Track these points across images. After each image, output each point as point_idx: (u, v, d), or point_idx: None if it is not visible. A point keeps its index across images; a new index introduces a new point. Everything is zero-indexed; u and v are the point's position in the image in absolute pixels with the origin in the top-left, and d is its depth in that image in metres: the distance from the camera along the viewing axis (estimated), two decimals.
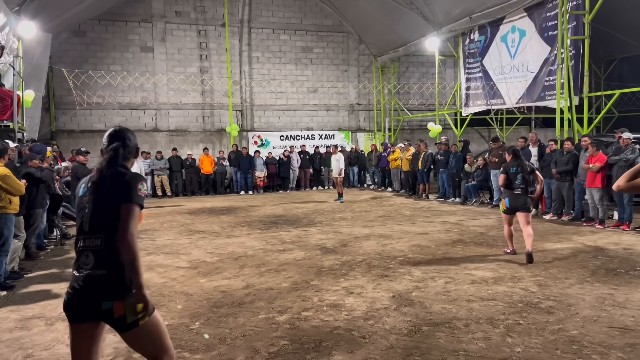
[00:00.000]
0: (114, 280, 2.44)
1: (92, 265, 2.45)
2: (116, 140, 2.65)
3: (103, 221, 2.48)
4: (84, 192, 2.58)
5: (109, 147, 2.62)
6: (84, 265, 2.47)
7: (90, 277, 2.44)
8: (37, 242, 8.21)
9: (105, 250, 2.45)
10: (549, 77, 13.10)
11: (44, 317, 5.00)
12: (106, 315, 2.44)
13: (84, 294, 2.44)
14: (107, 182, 2.51)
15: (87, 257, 2.47)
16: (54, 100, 17.49)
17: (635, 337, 4.18)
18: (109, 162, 2.56)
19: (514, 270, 6.41)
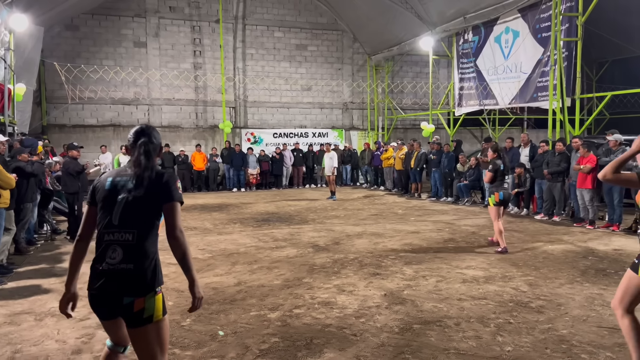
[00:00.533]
0: (140, 276, 2.46)
1: (119, 259, 2.45)
2: (143, 137, 2.64)
3: (137, 217, 2.49)
4: (113, 186, 2.55)
5: (137, 143, 2.62)
6: (111, 260, 2.46)
7: (116, 271, 2.44)
8: (27, 237, 8.14)
9: (136, 246, 2.47)
10: (542, 78, 13.18)
11: (33, 313, 4.96)
12: (125, 309, 2.46)
13: (107, 288, 2.44)
14: (145, 180, 2.51)
15: (114, 251, 2.46)
16: (46, 95, 17.34)
17: (623, 337, 4.21)
18: (146, 156, 2.56)
19: (505, 270, 6.44)
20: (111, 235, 2.49)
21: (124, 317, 2.50)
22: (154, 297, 2.49)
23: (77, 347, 4.11)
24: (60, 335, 4.36)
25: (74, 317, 4.47)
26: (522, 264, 6.77)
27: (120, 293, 2.43)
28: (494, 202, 7.57)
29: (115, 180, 2.57)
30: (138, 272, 2.46)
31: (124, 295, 2.43)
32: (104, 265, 2.47)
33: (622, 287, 3.30)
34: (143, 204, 2.50)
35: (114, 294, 2.44)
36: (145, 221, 2.51)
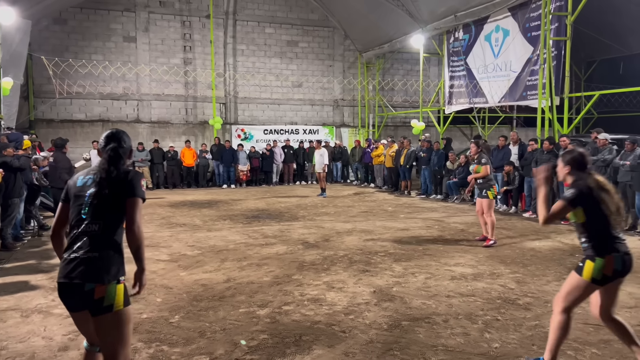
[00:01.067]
0: (103, 263, 2.62)
1: (86, 248, 2.62)
2: (112, 141, 2.86)
3: (103, 210, 2.69)
4: (83, 183, 2.78)
5: (107, 147, 2.83)
6: (79, 249, 2.63)
7: (82, 259, 2.60)
8: (14, 233, 8.05)
9: (100, 235, 2.66)
10: (531, 77, 13.27)
11: (19, 309, 4.91)
12: (86, 296, 2.57)
13: (73, 275, 2.57)
14: (112, 179, 2.73)
15: (82, 241, 2.64)
16: (33, 89, 17.13)
17: (609, 334, 4.26)
18: (109, 161, 2.77)
19: (493, 267, 6.49)
20: (80, 228, 2.68)
21: (87, 306, 2.60)
22: (115, 286, 2.62)
23: (64, 343, 4.08)
24: (47, 332, 4.32)
25: (60, 314, 4.42)
26: (510, 261, 6.83)
27: (83, 279, 2.56)
28: (494, 194, 7.76)
29: (85, 178, 2.80)
30: (102, 260, 2.62)
31: (86, 282, 2.56)
32: (72, 254, 2.63)
33: (567, 287, 3.43)
34: (109, 199, 2.70)
35: (78, 280, 2.57)
36: (111, 214, 2.70)
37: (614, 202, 3.35)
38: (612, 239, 3.34)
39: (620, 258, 3.32)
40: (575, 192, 3.33)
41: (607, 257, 3.29)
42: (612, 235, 3.35)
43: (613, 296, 3.42)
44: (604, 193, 3.33)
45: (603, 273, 3.28)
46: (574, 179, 3.45)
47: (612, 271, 3.29)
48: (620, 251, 3.33)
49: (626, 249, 3.38)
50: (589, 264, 3.33)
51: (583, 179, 3.39)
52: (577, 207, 3.34)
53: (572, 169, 3.47)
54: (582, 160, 3.45)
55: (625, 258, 3.34)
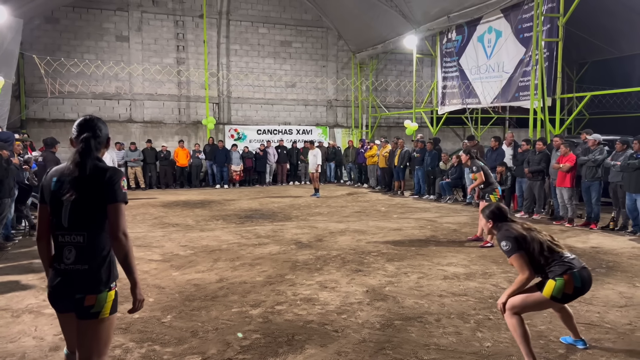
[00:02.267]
0: (95, 275, 2.49)
1: (73, 259, 2.47)
2: (86, 130, 2.55)
3: (85, 218, 2.46)
4: (58, 187, 2.49)
5: (80, 137, 2.53)
6: (67, 260, 2.48)
7: (72, 271, 2.47)
8: (4, 233, 7.99)
9: (87, 247, 2.46)
10: (523, 78, 13.34)
11: (10, 309, 4.88)
12: (76, 303, 2.49)
13: (64, 287, 2.48)
14: (87, 178, 2.45)
15: (69, 251, 2.47)
16: (25, 88, 17.01)
17: (600, 333, 4.30)
18: (82, 154, 2.47)
19: (486, 267, 6.52)
20: (63, 237, 2.50)
21: (75, 310, 2.51)
22: (106, 293, 2.52)
23: (55, 343, 4.05)
24: (38, 332, 4.29)
25: (51, 314, 4.39)
26: (502, 261, 6.86)
27: (74, 291, 2.47)
28: (496, 198, 7.83)
29: (60, 179, 2.50)
30: (93, 271, 2.49)
31: (77, 293, 2.47)
32: (61, 265, 2.51)
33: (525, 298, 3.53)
34: (88, 205, 2.46)
35: (68, 292, 2.48)
36: (93, 221, 2.48)
37: (544, 235, 3.60)
38: (564, 261, 3.48)
39: (579, 274, 3.43)
40: (509, 238, 3.50)
41: (566, 275, 3.41)
42: (562, 257, 3.50)
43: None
44: (530, 232, 3.56)
45: (564, 292, 3.42)
46: (500, 230, 3.63)
47: (573, 289, 3.42)
48: (575, 267, 3.45)
49: (580, 264, 3.52)
50: (551, 283, 3.44)
51: (508, 227, 3.59)
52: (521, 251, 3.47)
53: (494, 223, 3.71)
54: (500, 212, 3.73)
55: (583, 273, 3.46)
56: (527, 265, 3.44)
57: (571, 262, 3.46)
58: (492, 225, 3.72)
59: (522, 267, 3.44)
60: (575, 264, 3.47)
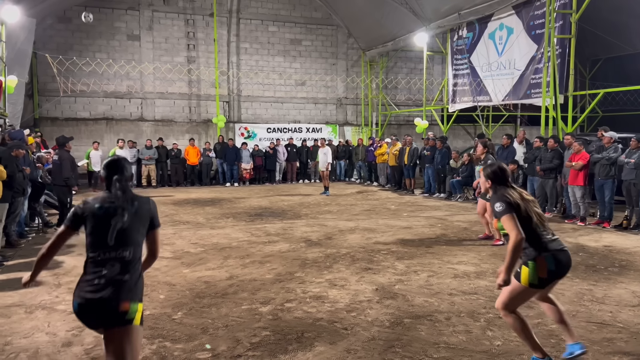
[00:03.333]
0: (133, 285, 2.76)
1: (117, 272, 2.72)
2: (115, 172, 2.89)
3: (131, 237, 2.80)
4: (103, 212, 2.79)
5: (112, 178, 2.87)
6: (110, 273, 2.71)
7: (115, 281, 2.70)
8: (18, 230, 8.09)
9: (131, 261, 2.77)
10: (535, 75, 13.22)
11: (23, 305, 4.94)
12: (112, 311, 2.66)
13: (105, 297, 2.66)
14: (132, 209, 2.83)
15: (113, 266, 2.72)
16: (38, 87, 17.21)
17: (612, 332, 4.26)
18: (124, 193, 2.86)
19: (496, 265, 6.48)
20: (108, 254, 2.74)
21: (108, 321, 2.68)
22: (137, 304, 2.74)
23: (68, 339, 4.10)
24: (51, 328, 4.34)
25: (64, 310, 4.46)
26: None
27: (117, 299, 2.67)
28: None
29: (104, 206, 2.81)
30: (132, 281, 2.76)
31: (118, 301, 2.66)
32: (101, 279, 2.69)
33: (508, 294, 3.47)
34: (135, 227, 2.83)
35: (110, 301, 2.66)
36: (137, 240, 2.84)
37: (536, 210, 3.44)
38: (541, 241, 3.37)
39: (552, 257, 3.34)
40: (505, 201, 3.37)
41: (537, 258, 3.33)
42: (541, 237, 3.38)
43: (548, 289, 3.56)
44: (526, 203, 3.41)
45: (539, 276, 3.33)
46: (496, 192, 3.51)
47: (547, 272, 3.32)
48: (550, 250, 3.35)
49: (558, 246, 3.41)
50: (524, 269, 3.37)
51: (505, 191, 3.46)
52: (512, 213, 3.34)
53: (493, 183, 3.57)
54: (502, 174, 3.56)
55: (559, 256, 3.37)
56: (518, 227, 3.28)
57: (547, 244, 3.36)
58: (490, 186, 3.59)
59: (513, 228, 3.29)
60: (552, 246, 3.37)
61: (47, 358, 3.77)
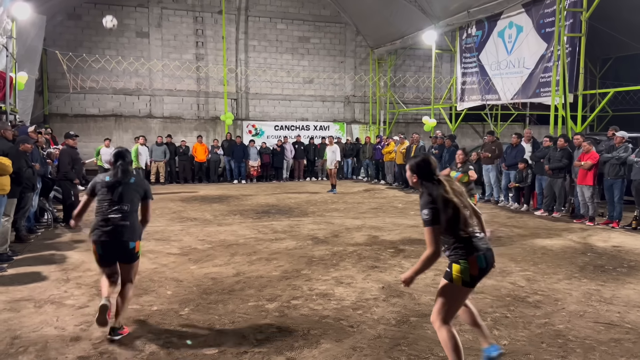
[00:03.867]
0: (134, 229, 4.17)
1: (120, 218, 4.09)
2: (119, 158, 4.27)
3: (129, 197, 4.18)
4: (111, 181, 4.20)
5: (117, 163, 4.25)
6: (114, 219, 4.08)
7: (119, 225, 4.08)
8: (27, 225, 8.16)
9: (129, 212, 4.15)
10: (545, 74, 13.13)
11: (32, 300, 4.99)
12: (129, 251, 4.14)
13: (115, 234, 4.06)
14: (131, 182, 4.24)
15: (117, 214, 4.09)
16: (48, 84, 17.33)
17: (619, 333, 4.23)
18: (124, 172, 4.23)
19: (504, 265, 6.46)
20: (114, 206, 4.12)
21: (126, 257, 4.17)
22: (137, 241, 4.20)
23: (76, 334, 4.14)
24: (59, 322, 4.39)
25: (72, 305, 4.49)
26: (520, 259, 6.79)
27: (127, 239, 4.10)
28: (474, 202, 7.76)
29: (110, 180, 4.21)
30: (131, 226, 4.15)
31: (130, 241, 4.11)
32: (109, 223, 4.07)
33: (440, 298, 3.33)
34: (132, 192, 4.23)
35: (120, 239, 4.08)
36: (133, 200, 4.22)
37: (469, 204, 3.35)
38: (472, 240, 3.27)
39: (483, 256, 3.27)
40: (431, 209, 3.24)
41: (470, 258, 3.23)
42: (472, 236, 3.28)
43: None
44: (459, 197, 3.28)
45: (471, 274, 3.23)
46: (423, 195, 3.34)
47: (478, 270, 3.25)
48: (480, 249, 3.27)
49: (486, 244, 3.34)
50: (456, 267, 3.25)
51: (434, 191, 3.30)
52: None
53: (418, 178, 3.41)
54: (427, 167, 3.39)
55: (487, 255, 3.31)
56: (437, 242, 3.23)
57: (478, 243, 3.27)
58: (417, 181, 3.42)
59: (431, 242, 3.23)
60: (481, 245, 3.29)
61: (55, 352, 3.81)
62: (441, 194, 3.25)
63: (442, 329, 3.27)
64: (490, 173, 12.38)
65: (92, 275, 5.82)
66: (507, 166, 11.67)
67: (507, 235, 8.41)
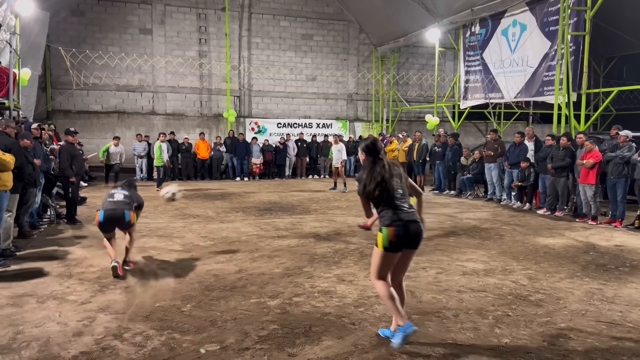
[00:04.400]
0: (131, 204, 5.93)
1: (121, 198, 5.91)
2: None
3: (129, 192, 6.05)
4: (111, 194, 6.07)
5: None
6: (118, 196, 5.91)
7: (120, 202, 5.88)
8: (30, 221, 8.18)
9: (129, 194, 5.99)
10: (548, 73, 13.10)
11: (35, 295, 5.01)
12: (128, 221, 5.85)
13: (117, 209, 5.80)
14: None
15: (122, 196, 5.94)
16: (51, 80, 17.37)
17: (621, 332, 4.23)
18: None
19: (506, 263, 6.45)
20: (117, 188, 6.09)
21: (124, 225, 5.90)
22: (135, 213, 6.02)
23: (79, 329, 4.15)
24: (62, 318, 4.40)
25: (75, 301, 4.50)
26: (522, 257, 6.78)
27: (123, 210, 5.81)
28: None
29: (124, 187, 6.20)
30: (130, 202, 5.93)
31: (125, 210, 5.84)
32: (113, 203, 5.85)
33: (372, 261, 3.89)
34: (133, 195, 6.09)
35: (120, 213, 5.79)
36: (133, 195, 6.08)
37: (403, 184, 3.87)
38: (396, 211, 3.76)
39: (402, 226, 3.71)
40: (361, 172, 3.92)
41: (390, 226, 3.71)
42: (397, 208, 3.77)
43: (402, 265, 3.93)
44: (392, 176, 3.80)
45: (389, 240, 3.71)
46: (364, 168, 3.92)
47: (395, 237, 3.70)
48: (402, 220, 3.73)
49: (409, 217, 3.77)
50: (379, 235, 3.76)
51: (371, 167, 3.85)
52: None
53: (367, 155, 3.94)
54: (373, 147, 3.91)
55: (409, 226, 3.74)
56: (364, 208, 3.99)
57: (400, 214, 3.74)
58: (364, 158, 3.96)
59: (363, 208, 4.01)
60: (403, 216, 3.73)
61: (58, 347, 3.82)
62: (375, 170, 3.82)
63: (377, 283, 3.84)
64: (492, 172, 12.36)
65: (94, 272, 5.84)
66: (510, 165, 11.65)
67: (509, 233, 8.40)
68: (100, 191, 12.74)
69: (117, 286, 5.32)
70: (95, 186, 14.51)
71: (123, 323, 4.27)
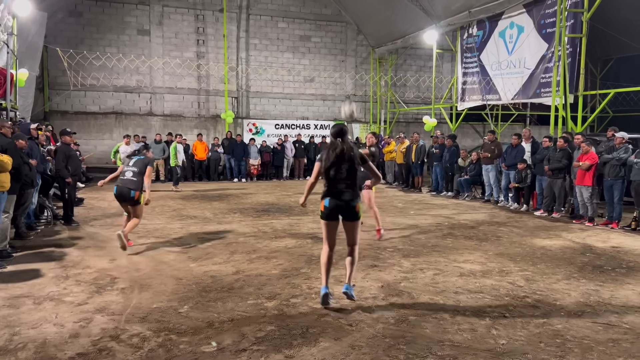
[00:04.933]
0: (139, 184, 6.73)
1: (130, 176, 6.74)
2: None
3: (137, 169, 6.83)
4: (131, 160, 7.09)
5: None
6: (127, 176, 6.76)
7: (129, 180, 6.74)
8: (27, 222, 8.17)
9: (136, 175, 6.77)
10: (545, 74, 13.13)
11: (32, 296, 4.99)
12: (132, 198, 6.69)
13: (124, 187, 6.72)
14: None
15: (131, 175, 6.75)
16: (48, 81, 17.35)
17: (618, 333, 4.24)
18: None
19: (502, 265, 6.46)
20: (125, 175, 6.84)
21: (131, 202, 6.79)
22: (141, 194, 6.65)
23: (75, 331, 4.14)
24: (59, 319, 4.39)
25: (71, 302, 4.50)
26: (519, 259, 6.80)
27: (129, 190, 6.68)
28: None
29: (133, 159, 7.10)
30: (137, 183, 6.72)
31: (130, 190, 6.67)
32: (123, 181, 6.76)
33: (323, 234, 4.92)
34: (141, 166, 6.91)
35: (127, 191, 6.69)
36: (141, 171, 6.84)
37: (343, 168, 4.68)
38: (331, 188, 4.76)
39: (329, 199, 4.74)
40: (324, 151, 4.81)
41: (323, 199, 4.77)
42: (333, 185, 4.74)
43: (348, 234, 4.91)
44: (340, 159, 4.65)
45: (321, 210, 4.81)
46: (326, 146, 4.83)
47: (323, 207, 4.78)
48: (330, 195, 4.74)
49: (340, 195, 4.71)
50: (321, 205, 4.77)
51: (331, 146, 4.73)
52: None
53: (333, 137, 4.76)
54: (340, 131, 4.74)
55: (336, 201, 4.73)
56: (313, 173, 4.94)
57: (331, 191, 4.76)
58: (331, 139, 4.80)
59: (313, 172, 4.96)
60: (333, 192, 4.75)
61: (54, 349, 3.82)
62: (331, 149, 4.70)
63: (323, 249, 4.95)
64: (489, 173, 12.39)
65: (91, 273, 5.83)
66: (507, 166, 11.68)
67: (506, 235, 8.42)
68: (98, 192, 12.72)
69: (114, 287, 5.32)
70: (92, 187, 14.48)
71: (120, 324, 4.27)
